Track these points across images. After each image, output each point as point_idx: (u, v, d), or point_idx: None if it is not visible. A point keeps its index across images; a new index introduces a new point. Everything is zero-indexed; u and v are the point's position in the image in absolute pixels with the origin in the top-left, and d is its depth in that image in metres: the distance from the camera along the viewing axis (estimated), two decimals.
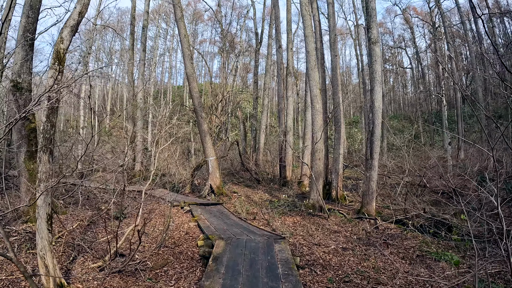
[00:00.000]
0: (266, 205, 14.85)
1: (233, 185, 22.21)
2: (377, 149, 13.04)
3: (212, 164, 15.95)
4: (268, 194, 19.49)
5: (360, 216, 13.00)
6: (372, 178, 12.98)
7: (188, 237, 9.10)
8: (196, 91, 16.16)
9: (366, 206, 13.23)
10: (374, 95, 13.17)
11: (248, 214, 12.56)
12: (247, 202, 15.33)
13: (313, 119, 13.28)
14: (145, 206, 14.65)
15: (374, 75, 13.32)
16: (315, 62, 13.88)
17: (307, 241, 9.35)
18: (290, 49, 23.53)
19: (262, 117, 27.06)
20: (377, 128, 13.03)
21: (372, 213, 13.23)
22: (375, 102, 13.12)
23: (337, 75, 17.85)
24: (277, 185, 21.71)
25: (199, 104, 16.09)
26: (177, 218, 11.54)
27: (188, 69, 16.31)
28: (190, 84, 16.28)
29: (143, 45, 22.93)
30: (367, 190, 13.08)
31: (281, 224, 11.15)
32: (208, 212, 11.91)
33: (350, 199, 18.03)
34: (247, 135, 30.46)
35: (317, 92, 13.35)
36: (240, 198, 15.82)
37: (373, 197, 13.22)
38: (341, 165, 17.70)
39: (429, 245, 10.07)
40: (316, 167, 12.90)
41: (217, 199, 15.56)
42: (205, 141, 15.98)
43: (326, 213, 12.29)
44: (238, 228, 9.51)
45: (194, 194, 17.08)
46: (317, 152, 12.84)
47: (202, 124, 16.02)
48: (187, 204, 12.99)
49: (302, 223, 11.48)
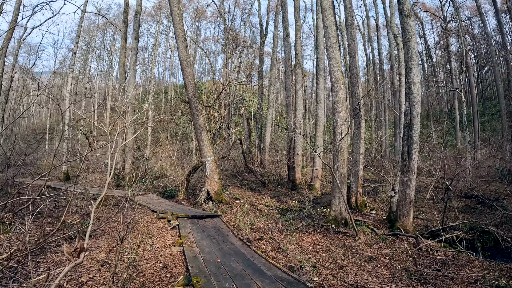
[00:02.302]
0: (274, 216, 11.73)
1: (236, 188, 19.11)
2: (416, 147, 9.89)
3: (210, 165, 12.86)
4: (276, 200, 16.36)
5: (395, 233, 9.87)
6: (410, 184, 9.83)
7: (165, 275, 5.99)
8: (191, 79, 13.08)
9: (401, 219, 10.08)
10: (411, 79, 10.02)
11: (252, 230, 9.43)
12: (252, 212, 12.21)
13: (335, 109, 10.13)
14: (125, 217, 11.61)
15: (410, 54, 10.18)
16: (336, 40, 10.75)
17: (338, 279, 6.20)
18: (299, 37, 20.41)
19: (267, 114, 23.94)
20: (416, 120, 9.88)
21: (409, 228, 10.10)
22: (413, 87, 9.97)
23: (355, 62, 14.72)
24: (285, 189, 18.58)
25: (194, 93, 12.99)
26: (158, 239, 8.44)
27: (181, 52, 13.24)
28: (183, 70, 13.20)
29: (135, 32, 19.91)
30: (403, 199, 9.93)
31: (297, 247, 8.01)
32: (200, 230, 8.79)
33: (370, 206, 14.91)
34: (252, 134, 27.33)
35: (339, 75, 10.21)
36: (243, 206, 12.72)
37: (411, 208, 10.08)
38: (361, 166, 14.56)
39: (492, 273, 7.15)
40: (340, 170, 9.76)
41: (215, 207, 12.47)
42: (201, 138, 12.89)
43: (354, 229, 9.14)
44: (238, 260, 6.38)
45: (189, 200, 13.99)
46: (340, 151, 9.70)
47: (197, 117, 12.93)
48: (175, 217, 9.89)
49: (324, 246, 8.34)
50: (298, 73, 19.40)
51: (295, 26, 20.82)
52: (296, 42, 20.38)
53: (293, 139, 19.37)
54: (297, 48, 20.21)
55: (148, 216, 11.51)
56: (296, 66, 19.73)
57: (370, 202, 15.95)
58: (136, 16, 19.81)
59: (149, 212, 11.91)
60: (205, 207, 12.58)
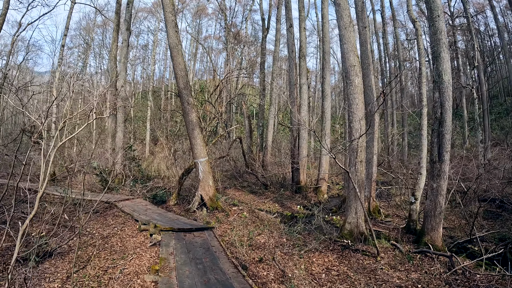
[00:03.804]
0: (277, 226, 9.88)
1: (235, 190, 17.27)
2: (448, 146, 8.02)
3: (203, 167, 11.02)
4: (279, 204, 14.52)
5: (422, 250, 8.00)
6: (440, 191, 7.97)
7: None
8: (182, 68, 11.24)
9: (429, 232, 8.22)
10: (440, 64, 8.16)
11: (251, 247, 7.57)
12: (251, 221, 10.37)
13: (350, 100, 8.26)
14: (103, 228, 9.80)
15: (438, 36, 8.32)
16: (349, 19, 8.88)
17: None
18: (303, 28, 18.54)
19: (270, 111, 22.07)
20: (447, 114, 8.02)
21: (438, 244, 8.25)
22: (443, 74, 8.11)
23: (367, 52, 12.86)
24: (289, 192, 16.73)
25: (185, 85, 11.15)
26: (133, 260, 6.62)
27: (171, 38, 11.41)
28: (173, 58, 11.37)
29: (127, 23, 18.08)
30: (432, 209, 8.07)
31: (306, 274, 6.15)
32: (186, 249, 6.95)
33: (384, 212, 13.06)
34: (253, 132, 25.46)
35: (355, 60, 8.35)
36: (241, 214, 10.87)
37: (441, 219, 8.22)
38: (375, 168, 12.70)
39: None
40: (357, 174, 7.88)
41: (209, 215, 10.64)
42: (193, 137, 11.06)
43: (376, 247, 7.28)
44: None
45: (181, 206, 12.16)
46: (358, 150, 7.82)
47: (189, 112, 11.10)
48: (158, 230, 8.06)
49: (341, 271, 6.48)
50: (303, 66, 17.53)
51: (299, 17, 18.96)
52: (300, 33, 18.53)
53: (298, 138, 17.51)
54: (301, 40, 18.35)
55: (130, 227, 9.71)
56: (300, 59, 17.86)
57: (383, 207, 14.09)
58: (128, 6, 18.01)
59: (131, 222, 10.11)
60: (197, 215, 10.75)
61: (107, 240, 8.43)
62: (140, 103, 45.10)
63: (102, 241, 8.35)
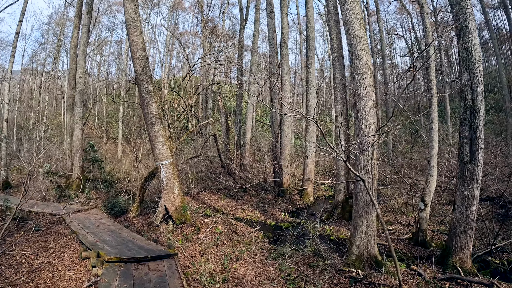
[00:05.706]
0: (260, 244, 7.64)
1: (210, 194, 14.91)
2: (482, 142, 6.01)
3: (168, 171, 8.62)
4: (260, 212, 12.27)
5: (452, 276, 5.97)
6: (473, 200, 5.98)
7: None
8: (140, 49, 8.78)
9: (458, 252, 6.22)
10: (468, 39, 6.19)
11: (226, 285, 5.27)
12: (227, 238, 8.08)
13: (357, 82, 6.09)
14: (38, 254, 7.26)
15: (464, 4, 6.31)
16: None
17: None
18: (285, 14, 16.35)
19: (248, 106, 19.78)
20: (480, 100, 6.04)
21: (468, 265, 6.28)
22: (473, 51, 6.12)
23: None
24: (271, 195, 14.53)
25: (143, 69, 8.68)
26: None
27: (128, 13, 8.92)
28: (130, 37, 8.91)
29: (88, 5, 15.31)
30: (463, 223, 6.06)
31: None
32: None
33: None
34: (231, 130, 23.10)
35: (361, 31, 6.22)
36: (215, 229, 8.56)
37: (472, 235, 6.21)
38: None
39: None
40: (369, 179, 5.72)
41: (176, 232, 8.27)
42: (153, 133, 8.62)
43: (399, 279, 5.16)
44: None
45: (144, 218, 9.70)
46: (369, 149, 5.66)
47: (148, 103, 8.66)
48: (102, 260, 5.64)
49: None
50: (285, 54, 15.33)
51: (281, 2, 16.77)
52: (282, 19, 16.33)
53: (279, 135, 15.33)
54: (283, 27, 16.15)
55: (71, 251, 7.22)
56: (282, 47, 15.66)
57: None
58: None
59: (75, 244, 7.61)
60: (162, 230, 8.37)
61: (36, 275, 5.95)
62: (117, 100, 41.82)
63: (27, 277, 5.88)
